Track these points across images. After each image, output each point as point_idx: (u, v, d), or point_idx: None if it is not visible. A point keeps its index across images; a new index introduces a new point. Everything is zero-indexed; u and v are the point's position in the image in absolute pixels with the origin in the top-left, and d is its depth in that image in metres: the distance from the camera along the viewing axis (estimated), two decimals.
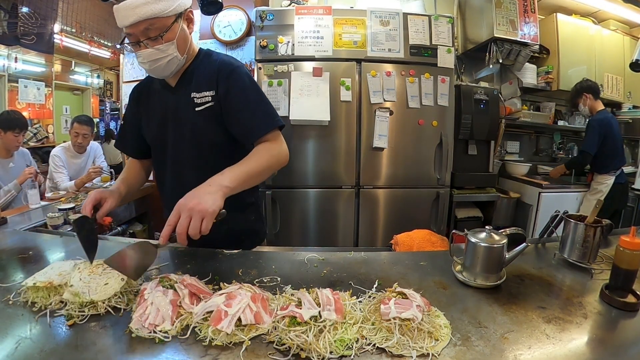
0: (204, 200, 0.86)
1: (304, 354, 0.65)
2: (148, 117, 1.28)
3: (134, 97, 1.34)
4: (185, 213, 0.84)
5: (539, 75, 3.66)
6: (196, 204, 0.85)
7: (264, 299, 0.78)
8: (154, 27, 1.03)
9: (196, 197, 0.87)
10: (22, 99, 4.95)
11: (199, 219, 0.84)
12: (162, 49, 1.06)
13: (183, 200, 0.86)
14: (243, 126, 1.16)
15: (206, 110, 1.17)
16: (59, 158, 2.98)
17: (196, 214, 0.84)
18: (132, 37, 1.05)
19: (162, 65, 1.09)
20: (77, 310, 0.74)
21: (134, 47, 1.07)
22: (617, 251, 0.86)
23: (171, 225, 0.84)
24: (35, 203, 2.31)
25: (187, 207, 0.84)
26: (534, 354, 0.66)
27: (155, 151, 1.31)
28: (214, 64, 1.20)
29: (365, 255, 1.12)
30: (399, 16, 2.72)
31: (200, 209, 0.84)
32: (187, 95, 1.18)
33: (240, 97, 1.16)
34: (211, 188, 0.91)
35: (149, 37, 1.04)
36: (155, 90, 1.26)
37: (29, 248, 1.14)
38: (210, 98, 1.17)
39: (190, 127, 1.19)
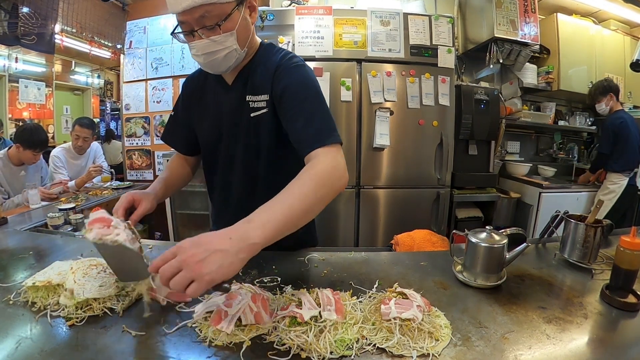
0: (209, 262, 0.62)
1: (304, 354, 0.65)
2: (201, 114, 1.16)
3: (187, 90, 1.21)
4: (179, 261, 0.62)
5: (540, 75, 3.66)
6: (196, 260, 0.61)
7: (264, 299, 0.78)
8: (211, 15, 0.89)
9: (203, 250, 0.63)
10: (23, 99, 4.95)
11: (187, 278, 0.60)
12: (219, 41, 0.93)
13: (187, 244, 0.64)
14: (294, 136, 0.97)
15: (261, 117, 1.05)
16: (58, 159, 2.98)
17: (189, 270, 0.61)
18: (185, 26, 0.92)
19: (218, 59, 0.96)
20: (74, 312, 0.74)
21: (187, 37, 0.94)
22: (618, 251, 0.86)
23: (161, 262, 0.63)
24: (35, 203, 2.31)
25: (184, 256, 0.62)
26: (534, 354, 0.66)
27: (206, 151, 1.21)
28: (273, 62, 1.04)
29: (365, 255, 1.12)
30: (400, 16, 2.72)
31: (197, 269, 0.61)
32: (242, 98, 1.06)
33: (294, 102, 0.97)
34: (229, 244, 0.65)
35: (204, 25, 0.90)
36: (210, 86, 1.14)
37: (30, 248, 1.14)
38: (265, 103, 1.04)
39: (245, 133, 1.08)
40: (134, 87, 3.81)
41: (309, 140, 0.91)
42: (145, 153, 3.86)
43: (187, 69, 3.65)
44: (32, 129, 2.59)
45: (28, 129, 2.58)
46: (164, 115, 3.76)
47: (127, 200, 0.96)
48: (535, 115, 3.74)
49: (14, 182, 2.56)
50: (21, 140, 2.50)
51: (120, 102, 3.95)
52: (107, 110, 7.22)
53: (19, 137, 2.52)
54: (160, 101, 3.75)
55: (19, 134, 2.54)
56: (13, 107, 4.82)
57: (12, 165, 2.58)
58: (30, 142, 2.51)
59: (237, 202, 1.18)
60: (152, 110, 3.79)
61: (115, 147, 5.08)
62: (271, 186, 1.05)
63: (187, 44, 0.96)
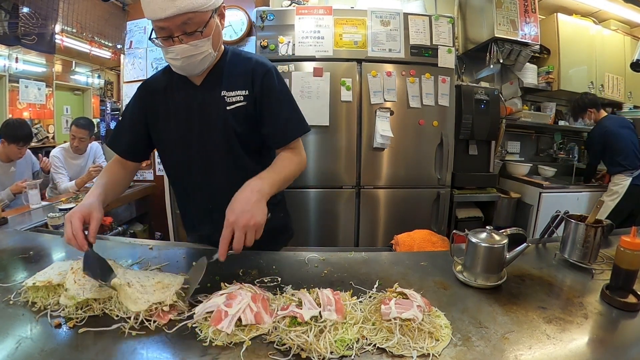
0: (256, 214, 0.87)
1: (305, 354, 0.65)
2: (165, 116, 1.19)
3: (142, 96, 1.23)
4: (241, 230, 0.85)
5: (540, 75, 3.66)
6: (249, 218, 0.86)
7: (265, 299, 0.78)
8: (192, 22, 0.97)
9: (246, 210, 0.87)
10: (23, 99, 4.95)
11: (254, 233, 0.87)
12: (198, 45, 1.00)
13: (233, 217, 0.86)
14: (274, 129, 1.16)
15: (238, 109, 1.14)
16: (58, 159, 2.98)
17: (251, 229, 0.86)
18: (164, 31, 0.98)
19: (195, 62, 1.04)
20: (74, 313, 0.74)
21: (165, 42, 1.00)
22: (618, 251, 0.86)
23: (227, 241, 0.85)
24: (35, 203, 2.31)
25: (241, 224, 0.85)
26: (534, 354, 0.66)
27: (175, 151, 1.22)
28: (248, 63, 1.16)
29: (365, 256, 1.12)
30: (400, 16, 2.72)
31: (254, 223, 0.86)
32: (217, 94, 1.13)
33: (274, 100, 1.15)
34: (255, 196, 0.91)
35: (185, 31, 0.97)
36: (175, 89, 1.18)
37: (30, 248, 1.14)
38: (243, 97, 1.14)
39: (221, 125, 1.14)
40: (134, 87, 3.77)
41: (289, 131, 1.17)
42: None
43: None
44: (15, 123, 2.64)
45: (11, 123, 2.62)
46: None
47: (78, 220, 0.89)
48: (535, 115, 3.74)
49: (4, 178, 2.60)
50: (5, 135, 2.55)
51: (121, 102, 3.96)
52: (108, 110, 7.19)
53: (2, 132, 2.56)
54: None
55: (3, 128, 2.58)
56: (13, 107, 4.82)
57: (2, 162, 2.63)
58: (14, 136, 2.55)
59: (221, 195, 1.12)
60: None
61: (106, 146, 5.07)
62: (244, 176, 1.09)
63: (164, 49, 1.02)
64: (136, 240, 1.43)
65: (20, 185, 2.49)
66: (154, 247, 1.17)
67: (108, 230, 2.19)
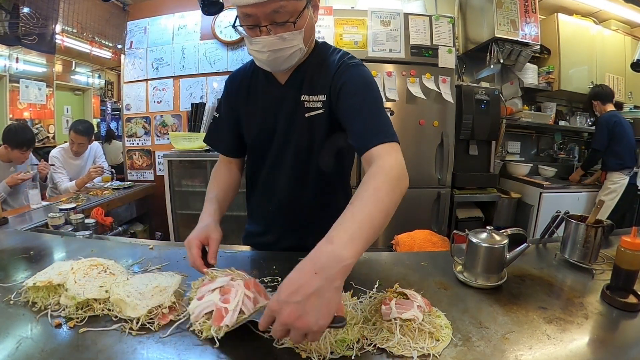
0: (307, 312, 0.56)
1: (305, 354, 0.65)
2: (249, 114, 1.11)
3: (232, 88, 1.14)
4: (281, 325, 0.58)
5: (540, 75, 3.66)
6: (294, 317, 0.56)
7: (257, 282, 0.77)
8: (284, 10, 0.84)
9: (293, 303, 0.57)
10: (24, 99, 4.95)
11: (299, 335, 0.57)
12: (288, 38, 0.88)
13: (275, 306, 0.58)
14: (354, 131, 0.93)
15: (316, 117, 1.02)
16: (57, 159, 2.98)
17: (295, 330, 0.57)
18: (250, 19, 0.87)
19: (283, 57, 0.92)
20: (74, 313, 0.74)
21: (250, 31, 0.89)
22: (618, 251, 0.86)
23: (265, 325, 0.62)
24: (36, 203, 2.31)
25: (281, 319, 0.57)
26: (534, 354, 0.66)
27: (254, 149, 1.16)
28: (332, 62, 1.01)
29: (366, 256, 1.12)
30: (400, 16, 2.72)
31: (301, 326, 0.56)
32: (297, 97, 1.02)
33: (355, 99, 0.94)
34: (317, 280, 0.58)
35: (274, 21, 0.86)
36: (260, 85, 1.09)
37: (30, 248, 1.14)
38: (321, 104, 1.01)
39: (298, 133, 1.05)
40: (134, 87, 3.81)
41: (371, 137, 0.88)
42: (145, 153, 3.86)
43: (187, 69, 3.65)
44: (17, 128, 2.65)
45: (13, 129, 2.64)
46: (164, 116, 3.77)
47: (196, 247, 0.87)
48: (535, 116, 3.74)
49: (3, 178, 2.60)
50: (7, 141, 2.56)
51: (121, 102, 3.96)
52: (108, 110, 7.22)
53: (5, 137, 2.57)
54: (161, 101, 3.76)
55: (5, 134, 2.59)
56: (14, 107, 4.82)
57: (2, 162, 2.65)
58: (16, 141, 2.56)
59: (280, 200, 1.16)
60: (152, 111, 3.79)
61: (115, 147, 5.09)
62: (317, 187, 1.12)
63: (248, 39, 0.91)
64: (136, 240, 1.43)
65: (15, 177, 2.50)
66: (155, 247, 1.17)
67: (108, 230, 2.19)
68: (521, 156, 4.02)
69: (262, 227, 1.25)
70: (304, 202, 1.14)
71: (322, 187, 1.13)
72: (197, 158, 3.18)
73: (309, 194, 1.13)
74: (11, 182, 2.50)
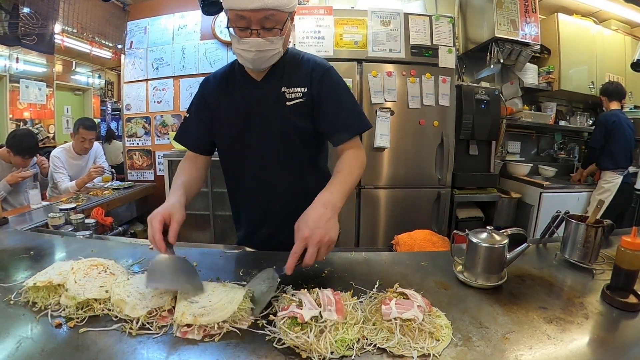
0: (329, 231, 0.87)
1: (305, 354, 0.65)
2: (226, 111, 1.22)
3: (206, 90, 1.26)
4: (314, 246, 0.84)
5: (540, 75, 3.66)
6: (323, 235, 0.85)
7: None
8: (273, 19, 1.00)
9: (320, 227, 0.86)
10: (24, 99, 4.96)
11: (326, 249, 0.87)
12: (273, 41, 1.04)
13: (308, 232, 0.85)
14: (333, 126, 1.17)
15: (297, 105, 1.16)
16: (58, 159, 2.98)
17: (324, 245, 0.86)
18: (242, 21, 1.00)
19: (265, 57, 1.07)
20: (74, 313, 0.74)
21: (241, 32, 1.02)
22: (619, 251, 0.86)
23: (297, 255, 0.85)
24: (36, 203, 2.31)
25: (315, 240, 0.84)
26: (535, 354, 0.66)
27: (233, 146, 1.26)
28: (307, 63, 1.19)
29: (366, 256, 1.12)
30: (400, 16, 2.72)
31: (328, 240, 0.86)
32: (277, 90, 1.16)
33: (332, 98, 1.16)
34: (329, 212, 0.91)
35: (264, 26, 1.00)
36: (237, 83, 1.21)
37: (30, 248, 1.14)
38: (302, 94, 1.16)
39: (280, 120, 1.17)
40: (134, 87, 3.82)
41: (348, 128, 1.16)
42: (146, 153, 3.86)
43: (187, 69, 3.65)
44: (22, 135, 2.67)
45: (18, 135, 2.66)
46: (164, 116, 3.77)
47: (159, 222, 0.90)
48: (535, 116, 3.74)
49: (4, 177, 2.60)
50: (11, 146, 2.58)
51: (121, 102, 3.96)
52: (108, 110, 7.22)
53: (9, 143, 2.59)
54: (161, 101, 3.76)
55: (10, 139, 2.61)
56: (14, 108, 4.82)
57: (3, 162, 2.65)
58: (19, 148, 2.58)
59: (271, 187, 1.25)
60: (152, 111, 3.80)
61: (115, 147, 5.09)
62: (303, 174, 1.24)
63: (236, 39, 1.03)
64: (137, 240, 1.43)
65: (15, 175, 2.51)
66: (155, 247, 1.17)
67: (108, 230, 2.19)
68: (521, 156, 4.02)
69: (253, 226, 1.33)
70: (293, 189, 1.25)
71: (309, 172, 1.26)
72: None
73: (296, 181, 1.24)
74: (12, 180, 2.50)
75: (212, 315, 0.72)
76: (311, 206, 0.93)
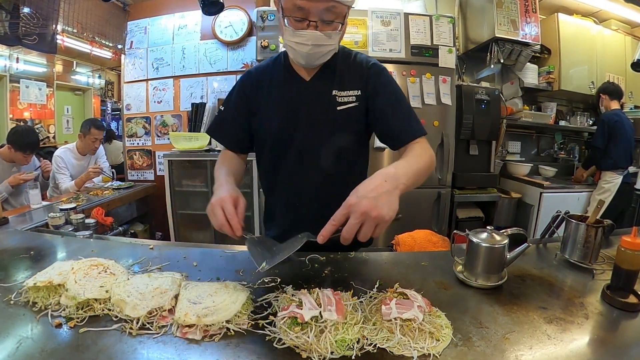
0: (381, 205, 0.73)
1: (305, 354, 0.65)
2: (268, 108, 1.14)
3: (245, 86, 1.17)
4: (357, 217, 0.72)
5: (540, 75, 3.66)
6: (371, 207, 0.72)
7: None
8: (334, 11, 0.93)
9: (372, 197, 0.73)
10: (24, 99, 4.96)
11: (372, 225, 0.73)
12: (331, 36, 0.97)
13: (355, 200, 0.73)
14: (394, 128, 1.08)
15: (348, 110, 1.09)
16: (61, 159, 2.99)
17: (370, 220, 0.73)
18: (300, 12, 0.93)
19: (321, 53, 0.99)
20: (74, 313, 0.74)
21: (296, 23, 0.95)
22: (619, 251, 0.85)
23: (336, 224, 0.74)
24: (36, 203, 2.31)
25: (360, 210, 0.72)
26: (535, 354, 0.66)
27: (273, 145, 1.17)
28: (360, 63, 1.12)
29: (366, 256, 1.12)
30: (400, 16, 2.72)
31: (376, 215, 0.73)
32: (327, 92, 1.09)
33: (392, 99, 1.09)
34: (387, 185, 0.77)
35: (322, 18, 0.93)
36: (281, 81, 1.13)
37: (31, 248, 1.14)
38: (355, 98, 1.09)
39: (327, 126, 1.10)
40: (134, 87, 3.82)
41: (408, 136, 1.06)
42: (146, 153, 3.86)
43: (187, 69, 3.65)
44: (24, 131, 2.69)
45: (20, 131, 2.67)
46: (164, 116, 3.77)
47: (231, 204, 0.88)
48: (536, 115, 3.74)
49: (5, 178, 2.61)
50: (12, 142, 2.58)
51: (121, 102, 3.96)
52: (108, 110, 7.23)
53: (10, 139, 2.60)
54: (161, 101, 3.76)
55: (11, 135, 2.62)
56: (14, 107, 4.82)
57: (4, 162, 2.66)
58: (21, 144, 2.59)
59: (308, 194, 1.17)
60: (152, 111, 3.80)
61: (116, 147, 5.09)
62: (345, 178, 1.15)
63: (290, 30, 0.96)
64: (137, 240, 1.43)
65: (18, 177, 2.51)
66: (155, 247, 1.17)
67: (109, 230, 2.19)
68: (521, 156, 4.02)
69: (286, 229, 1.23)
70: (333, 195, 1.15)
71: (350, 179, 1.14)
72: (197, 158, 3.19)
73: (337, 185, 1.14)
74: (14, 181, 2.51)
75: (216, 315, 0.72)
76: (370, 177, 0.81)
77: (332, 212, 1.00)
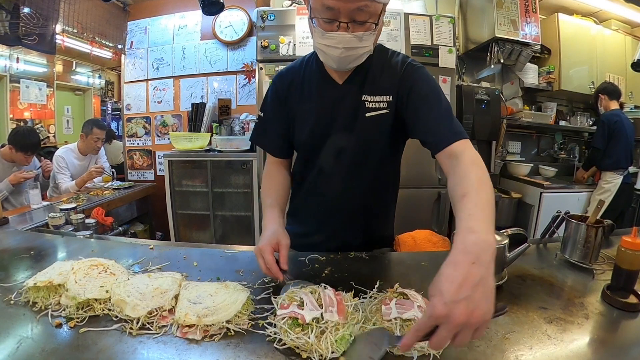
0: (479, 305, 0.54)
1: (305, 354, 0.65)
2: (303, 113, 1.09)
3: (284, 88, 1.11)
4: (452, 329, 0.53)
5: (541, 75, 3.66)
6: (468, 314, 0.52)
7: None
8: (367, 10, 0.84)
9: (464, 301, 0.53)
10: (24, 99, 4.96)
11: (471, 332, 0.54)
12: (363, 38, 0.88)
13: (443, 310, 0.53)
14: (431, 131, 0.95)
15: (377, 117, 1.02)
16: (63, 159, 2.99)
17: (470, 327, 0.53)
18: (330, 13, 0.85)
19: (354, 56, 0.92)
20: (75, 313, 0.75)
21: (326, 25, 0.87)
22: (619, 251, 0.85)
23: (419, 334, 0.56)
24: (36, 203, 2.31)
25: (457, 320, 0.52)
26: (535, 354, 0.66)
27: (304, 151, 1.16)
28: (395, 65, 1.03)
29: (366, 256, 1.12)
30: (400, 16, 2.72)
31: (477, 319, 0.53)
32: (357, 97, 1.02)
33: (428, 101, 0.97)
34: (478, 271, 0.57)
35: (354, 19, 0.85)
36: (314, 84, 1.07)
37: (31, 248, 1.14)
38: (386, 104, 1.02)
39: (355, 133, 1.04)
40: (135, 87, 3.82)
41: (449, 134, 0.91)
42: (146, 153, 3.86)
43: (187, 69, 3.65)
44: (25, 132, 2.68)
45: (21, 132, 2.67)
46: (165, 116, 3.77)
47: (270, 254, 0.88)
48: (536, 116, 3.74)
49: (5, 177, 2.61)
50: (14, 143, 2.58)
51: (121, 103, 3.96)
52: (108, 110, 7.22)
53: (12, 139, 2.60)
54: (161, 101, 3.76)
55: (13, 136, 2.62)
56: (14, 107, 4.82)
57: (5, 161, 2.66)
58: (23, 144, 2.59)
59: (332, 200, 1.15)
60: (153, 111, 3.80)
61: (116, 147, 5.09)
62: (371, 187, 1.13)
63: (320, 32, 0.89)
64: (137, 240, 1.43)
65: (18, 175, 2.51)
66: (155, 247, 1.17)
67: (109, 230, 2.19)
68: (521, 156, 4.02)
69: (308, 228, 1.22)
70: (357, 201, 1.14)
71: (375, 186, 1.14)
72: (197, 158, 3.19)
73: (361, 194, 1.13)
74: (14, 180, 2.51)
75: (216, 315, 0.72)
76: (450, 259, 0.62)
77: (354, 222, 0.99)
